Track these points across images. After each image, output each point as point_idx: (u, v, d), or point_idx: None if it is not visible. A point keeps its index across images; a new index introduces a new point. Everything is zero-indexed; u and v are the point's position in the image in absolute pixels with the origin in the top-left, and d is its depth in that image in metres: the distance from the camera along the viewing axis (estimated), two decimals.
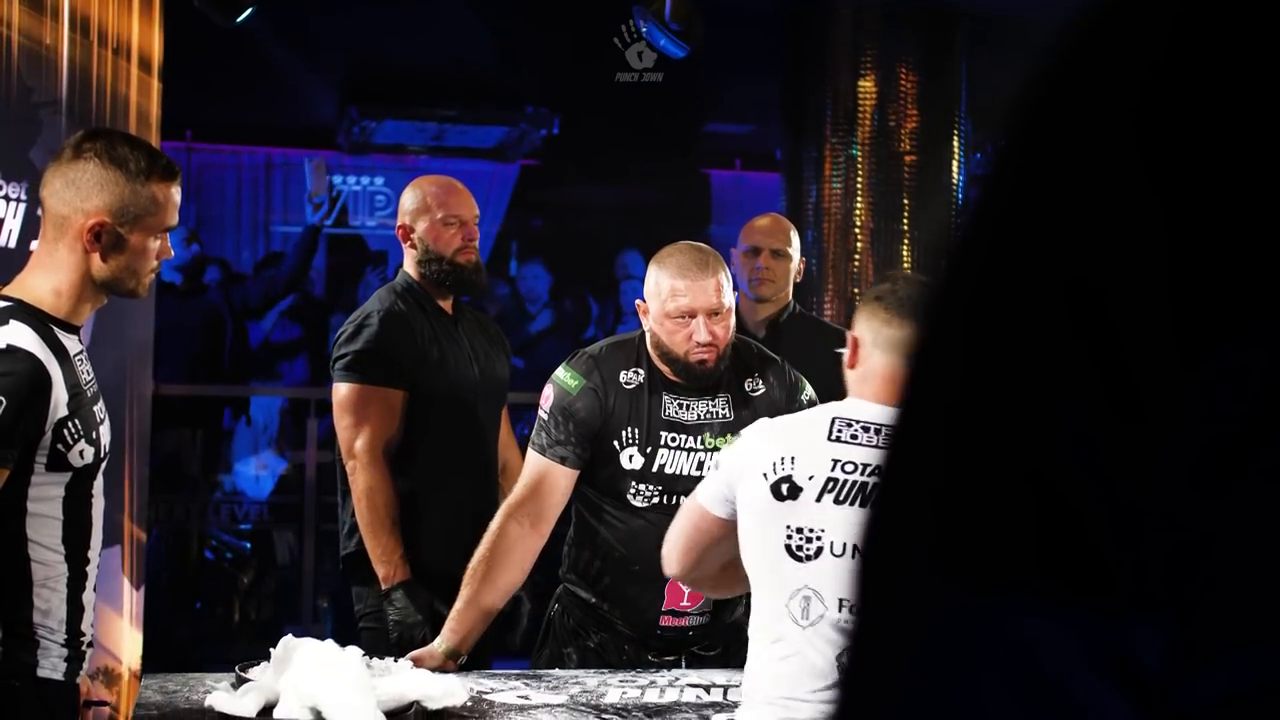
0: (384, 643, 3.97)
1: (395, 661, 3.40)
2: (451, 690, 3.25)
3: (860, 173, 6.28)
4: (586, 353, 3.86)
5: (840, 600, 2.85)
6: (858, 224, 6.27)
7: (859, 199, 6.27)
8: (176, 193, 3.06)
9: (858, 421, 2.91)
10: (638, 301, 3.79)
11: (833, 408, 2.97)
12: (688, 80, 7.03)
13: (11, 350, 2.85)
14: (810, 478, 2.87)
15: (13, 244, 4.37)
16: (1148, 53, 0.53)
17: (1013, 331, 0.54)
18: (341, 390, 4.20)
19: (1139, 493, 0.50)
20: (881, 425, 2.89)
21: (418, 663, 3.49)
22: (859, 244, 6.27)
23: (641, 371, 3.78)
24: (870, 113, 6.31)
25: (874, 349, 2.92)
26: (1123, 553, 0.50)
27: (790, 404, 3.80)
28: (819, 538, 2.86)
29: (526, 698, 3.46)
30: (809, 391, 3.87)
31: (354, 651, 3.17)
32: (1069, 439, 0.51)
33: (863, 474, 2.86)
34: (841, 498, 2.86)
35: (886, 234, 6.27)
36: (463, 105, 9.35)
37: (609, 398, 3.75)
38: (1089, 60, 0.55)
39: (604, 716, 3.31)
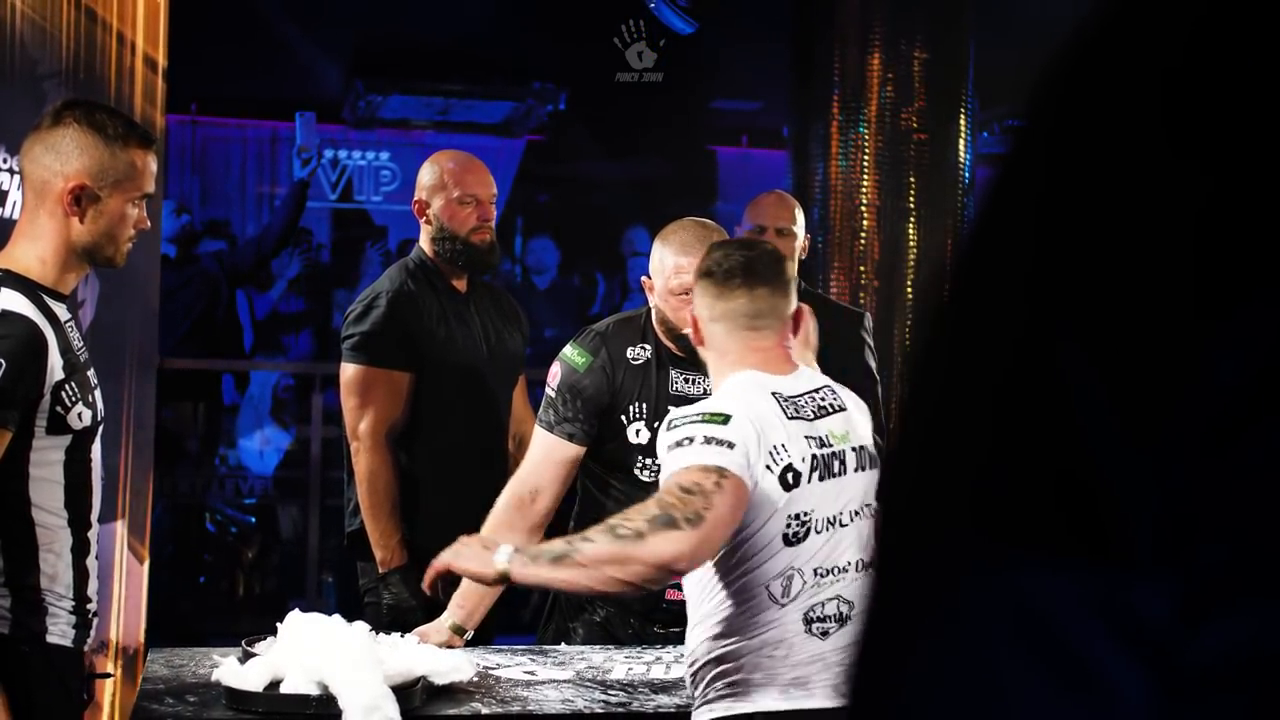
0: (381, 621, 3.98)
1: (402, 637, 3.41)
2: (458, 666, 3.26)
3: (867, 150, 6.26)
4: (593, 330, 3.86)
5: (816, 569, 2.88)
6: (864, 201, 6.26)
7: (866, 176, 6.26)
8: (153, 161, 3.13)
9: (784, 396, 2.93)
10: (643, 278, 3.80)
11: (758, 385, 2.93)
12: (695, 57, 7.01)
13: (6, 315, 2.90)
14: (803, 460, 2.89)
15: (17, 215, 4.36)
16: (1173, 22, 0.54)
17: (1025, 295, 0.55)
18: (348, 371, 4.20)
19: (1147, 450, 0.51)
20: (795, 396, 2.93)
21: (423, 638, 3.49)
22: (866, 222, 6.25)
23: (648, 347, 3.78)
24: (878, 90, 6.29)
25: (711, 324, 2.96)
26: (1130, 510, 0.51)
27: None
28: (809, 518, 2.89)
29: (533, 673, 3.46)
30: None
31: (360, 627, 3.18)
32: (1079, 397, 0.52)
33: (818, 446, 2.91)
34: (823, 475, 2.90)
35: (893, 212, 6.25)
36: (469, 80, 9.35)
37: (616, 374, 3.75)
38: (1115, 32, 0.56)
39: (610, 692, 3.31)
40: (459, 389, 4.25)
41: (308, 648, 3.06)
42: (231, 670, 3.09)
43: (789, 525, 2.87)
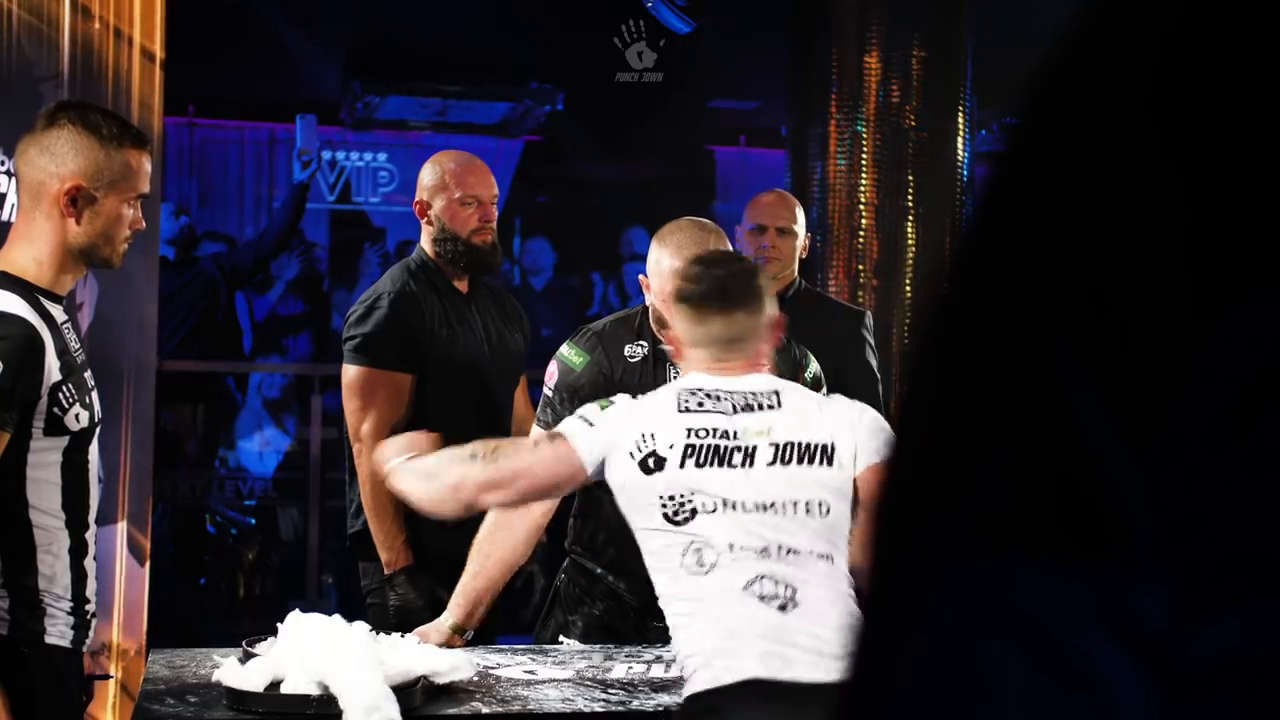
0: (387, 622, 3.98)
1: (402, 637, 3.41)
2: (458, 665, 3.26)
3: (865, 149, 6.26)
4: (590, 329, 3.87)
5: (730, 544, 2.91)
6: (863, 200, 6.25)
7: (864, 175, 6.25)
8: (147, 161, 3.14)
9: (701, 391, 3.02)
10: (640, 276, 3.81)
11: (678, 384, 3.08)
12: (692, 56, 7.01)
13: (3, 316, 2.91)
14: (670, 447, 2.96)
15: (15, 218, 4.37)
16: (1162, 20, 0.54)
17: (1020, 295, 0.55)
18: (350, 372, 4.20)
19: (1145, 450, 0.51)
20: (724, 392, 3.02)
21: (423, 638, 3.49)
22: (864, 220, 6.25)
23: (645, 344, 3.79)
24: (875, 89, 6.29)
25: (691, 348, 3.07)
26: (1128, 511, 0.51)
27: (795, 378, 3.81)
28: (690, 500, 2.94)
29: (533, 673, 3.46)
30: (814, 367, 3.87)
31: (361, 627, 3.18)
32: (1076, 398, 0.52)
33: (714, 437, 2.97)
34: (701, 461, 2.95)
35: (892, 210, 6.25)
36: (467, 80, 9.34)
37: (613, 373, 3.76)
38: (1105, 30, 0.56)
39: (610, 692, 3.31)
40: (461, 389, 4.25)
41: (308, 648, 3.06)
42: (232, 671, 3.10)
43: (665, 505, 2.94)
